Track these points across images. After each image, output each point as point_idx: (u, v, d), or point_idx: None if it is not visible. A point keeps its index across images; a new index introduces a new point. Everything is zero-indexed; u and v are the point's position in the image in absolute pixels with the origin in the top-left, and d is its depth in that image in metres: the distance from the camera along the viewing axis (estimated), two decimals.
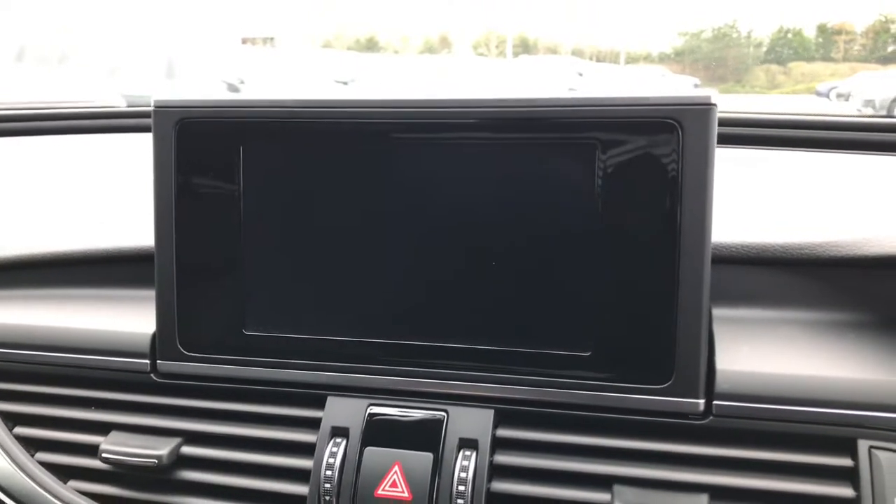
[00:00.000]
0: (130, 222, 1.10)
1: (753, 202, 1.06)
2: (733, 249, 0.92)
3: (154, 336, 0.96)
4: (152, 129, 0.92)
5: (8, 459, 0.98)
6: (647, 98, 0.79)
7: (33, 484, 0.97)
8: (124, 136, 1.57)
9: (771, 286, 0.94)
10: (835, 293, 0.92)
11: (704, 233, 0.79)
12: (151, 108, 0.92)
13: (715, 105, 0.78)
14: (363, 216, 0.87)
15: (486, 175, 0.84)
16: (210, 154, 0.91)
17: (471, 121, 0.83)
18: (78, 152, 1.60)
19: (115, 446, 0.93)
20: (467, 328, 0.86)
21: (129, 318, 1.00)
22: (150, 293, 0.95)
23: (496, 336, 0.85)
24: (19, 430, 1.01)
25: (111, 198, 1.29)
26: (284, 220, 0.89)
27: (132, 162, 1.43)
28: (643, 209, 0.80)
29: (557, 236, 0.83)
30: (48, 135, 1.54)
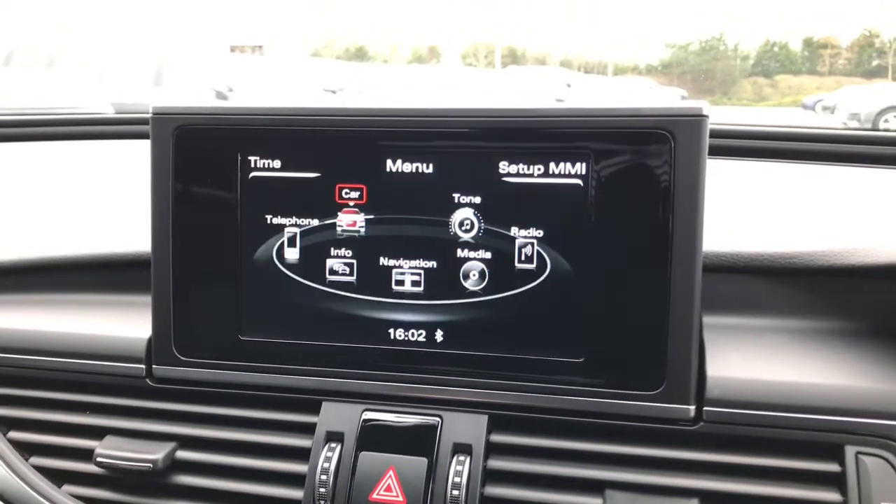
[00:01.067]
0: (124, 228, 1.10)
1: (743, 212, 1.07)
2: (724, 258, 0.94)
3: (150, 341, 0.96)
4: (150, 136, 0.92)
5: (2, 464, 0.98)
6: (641, 109, 0.81)
7: (27, 488, 0.97)
8: (113, 143, 1.57)
9: (761, 295, 0.95)
10: (823, 302, 0.94)
11: (696, 242, 0.80)
12: (149, 115, 0.93)
13: (707, 116, 0.79)
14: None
15: (480, 182, 0.85)
16: (207, 161, 0.91)
17: (466, 130, 0.85)
18: (67, 159, 1.60)
19: (109, 450, 0.93)
20: (462, 334, 0.87)
21: (125, 323, 1.01)
22: (146, 299, 0.95)
23: (490, 342, 0.86)
24: (14, 434, 1.01)
25: (104, 204, 1.29)
26: (280, 227, 0.90)
27: (122, 168, 1.44)
28: (636, 218, 0.82)
29: (551, 244, 0.84)
30: (41, 141, 1.54)
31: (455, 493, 0.83)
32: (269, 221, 0.90)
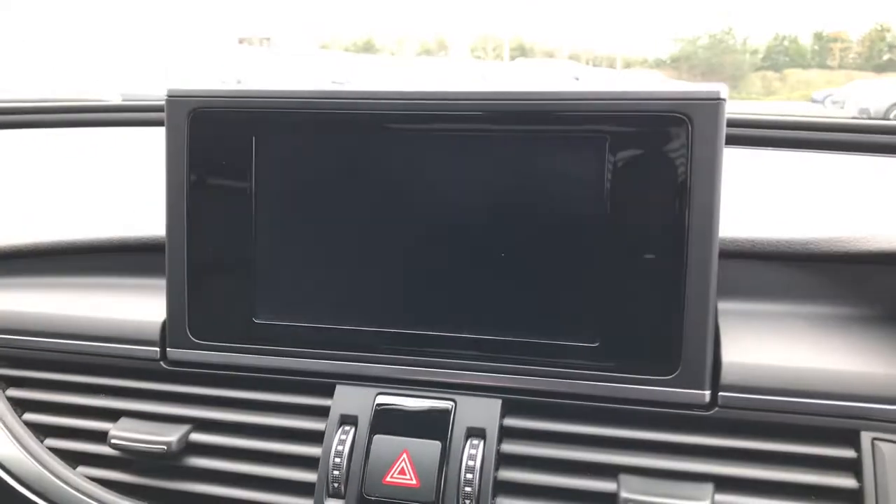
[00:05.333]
0: (139, 212, 1.10)
1: (759, 199, 1.07)
2: (739, 244, 0.93)
3: (164, 324, 0.96)
4: (165, 119, 0.92)
5: (18, 445, 0.99)
6: (657, 92, 0.81)
7: (42, 469, 0.97)
8: (124, 131, 1.58)
9: (776, 281, 0.95)
10: (838, 288, 0.93)
11: (712, 226, 0.80)
12: (164, 98, 0.93)
13: (724, 100, 0.79)
14: (374, 206, 0.88)
15: (497, 167, 0.85)
16: (222, 144, 0.91)
17: (483, 113, 0.85)
18: (80, 147, 1.60)
19: (124, 433, 0.93)
20: (476, 318, 0.87)
21: (140, 307, 1.01)
22: (161, 282, 0.95)
23: (504, 326, 0.86)
24: (29, 416, 1.01)
25: (118, 189, 1.30)
26: (295, 210, 0.90)
27: (134, 155, 1.44)
28: (652, 202, 0.81)
29: (566, 228, 0.84)
30: (57, 127, 1.55)
31: (469, 476, 0.83)
32: (284, 204, 0.90)
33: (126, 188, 1.30)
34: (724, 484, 0.81)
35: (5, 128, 1.57)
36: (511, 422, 0.87)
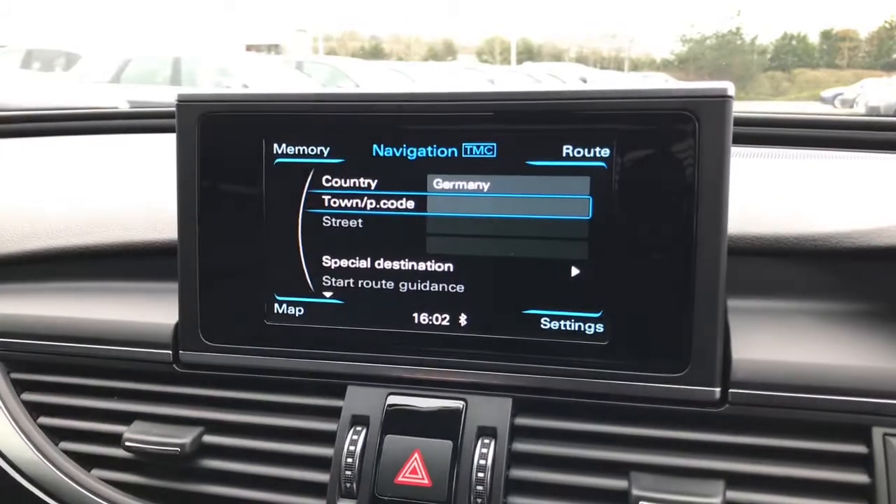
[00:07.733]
0: (150, 216, 1.11)
1: (767, 196, 1.06)
2: (748, 241, 0.93)
3: (176, 327, 0.97)
4: (175, 124, 0.93)
5: (33, 449, 1.00)
6: (664, 90, 0.81)
7: (57, 472, 0.98)
8: (131, 138, 1.59)
9: (785, 277, 0.95)
10: (848, 283, 0.93)
11: (721, 223, 0.80)
12: (174, 104, 0.93)
13: (731, 97, 0.79)
14: (383, 207, 0.89)
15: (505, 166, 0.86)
16: (233, 147, 0.92)
17: (493, 113, 0.85)
18: (87, 154, 1.62)
19: (137, 435, 0.94)
20: (485, 317, 0.88)
21: (152, 310, 1.02)
22: (173, 286, 0.96)
23: (514, 325, 0.87)
24: (44, 419, 1.02)
25: (129, 194, 1.30)
26: (306, 213, 0.91)
27: (138, 161, 1.45)
28: (660, 200, 0.82)
29: (574, 226, 0.84)
30: (67, 135, 1.56)
31: (480, 475, 0.84)
32: (293, 207, 0.91)
33: (127, 193, 1.30)
34: (736, 480, 0.81)
35: (13, 136, 1.59)
36: (522, 421, 0.87)
